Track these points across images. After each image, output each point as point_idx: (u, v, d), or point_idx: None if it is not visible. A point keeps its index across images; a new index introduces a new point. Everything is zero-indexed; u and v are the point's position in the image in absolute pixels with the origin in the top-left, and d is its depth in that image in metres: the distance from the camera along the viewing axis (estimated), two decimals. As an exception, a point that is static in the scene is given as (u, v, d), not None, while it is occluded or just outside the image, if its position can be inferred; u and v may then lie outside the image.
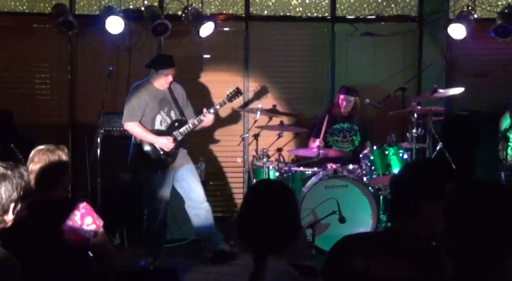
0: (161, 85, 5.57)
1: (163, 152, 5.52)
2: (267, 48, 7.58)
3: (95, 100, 6.71)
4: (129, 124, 5.53)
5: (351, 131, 6.73)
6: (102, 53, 7.17)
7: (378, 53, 7.56)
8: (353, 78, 7.35)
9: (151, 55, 7.25)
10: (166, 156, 5.54)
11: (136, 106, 5.47)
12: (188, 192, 5.63)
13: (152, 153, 5.53)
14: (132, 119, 5.50)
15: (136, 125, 5.50)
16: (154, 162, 5.53)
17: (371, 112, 7.34)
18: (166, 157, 5.55)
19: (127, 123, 5.53)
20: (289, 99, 7.60)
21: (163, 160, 5.54)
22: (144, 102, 5.48)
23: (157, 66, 5.52)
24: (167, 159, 5.55)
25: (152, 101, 5.51)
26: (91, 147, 5.89)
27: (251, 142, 7.47)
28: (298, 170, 6.32)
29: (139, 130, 5.50)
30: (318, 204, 5.77)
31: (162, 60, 5.59)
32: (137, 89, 5.55)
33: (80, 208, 3.26)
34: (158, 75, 5.51)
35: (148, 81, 5.61)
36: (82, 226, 3.24)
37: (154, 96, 5.53)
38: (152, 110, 5.52)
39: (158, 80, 5.55)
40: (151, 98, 5.51)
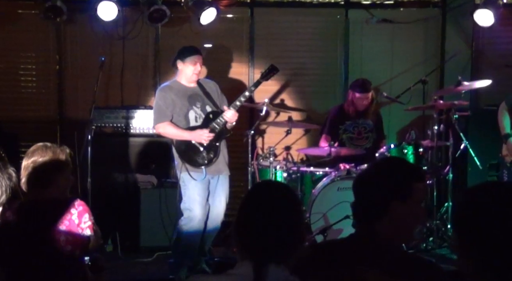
0: (190, 77, 5.61)
1: (203, 148, 5.54)
2: (274, 36, 7.59)
3: (86, 94, 6.77)
4: (160, 126, 5.55)
5: (366, 128, 6.72)
6: (93, 42, 7.18)
7: (396, 42, 7.56)
8: (368, 70, 7.35)
9: (147, 44, 7.36)
10: (208, 151, 5.55)
11: (163, 106, 5.52)
12: (210, 206, 5.62)
13: (192, 150, 5.54)
14: (162, 119, 5.54)
15: (167, 125, 5.53)
16: (196, 159, 5.53)
17: (388, 107, 7.34)
18: (208, 152, 5.55)
19: (158, 125, 5.56)
20: (299, 92, 7.61)
21: (205, 157, 5.55)
22: (170, 100, 5.53)
23: (183, 55, 5.59)
24: (209, 154, 5.56)
25: (180, 99, 5.57)
26: (81, 144, 5.91)
27: (257, 140, 7.48)
28: (308, 171, 6.32)
29: (171, 130, 5.54)
30: (330, 207, 5.78)
31: (187, 49, 5.67)
32: (162, 90, 5.62)
33: (76, 206, 3.30)
34: (186, 65, 5.56)
35: (174, 81, 5.68)
36: (80, 225, 3.28)
37: (182, 93, 5.59)
38: (182, 107, 5.57)
39: (186, 73, 5.59)
40: (178, 96, 5.57)
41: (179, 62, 5.58)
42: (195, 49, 5.65)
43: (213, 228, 5.64)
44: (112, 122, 6.66)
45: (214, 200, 5.61)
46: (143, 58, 7.39)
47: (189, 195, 5.48)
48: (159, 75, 7.24)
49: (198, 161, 5.53)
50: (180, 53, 5.64)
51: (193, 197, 5.46)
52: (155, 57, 7.37)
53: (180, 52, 5.65)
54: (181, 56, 5.59)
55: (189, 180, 5.47)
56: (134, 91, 7.35)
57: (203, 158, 5.55)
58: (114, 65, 7.19)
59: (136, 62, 7.36)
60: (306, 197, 6.17)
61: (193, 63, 5.56)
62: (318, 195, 5.90)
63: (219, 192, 5.64)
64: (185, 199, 5.50)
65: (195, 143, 5.55)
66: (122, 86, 7.28)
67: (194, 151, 5.55)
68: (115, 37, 7.15)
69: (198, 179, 5.47)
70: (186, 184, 5.49)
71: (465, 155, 6.45)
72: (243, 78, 7.51)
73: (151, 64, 7.38)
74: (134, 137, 6.69)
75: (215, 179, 5.62)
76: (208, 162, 5.56)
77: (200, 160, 5.54)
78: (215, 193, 5.62)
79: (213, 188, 5.61)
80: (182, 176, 5.50)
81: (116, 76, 7.20)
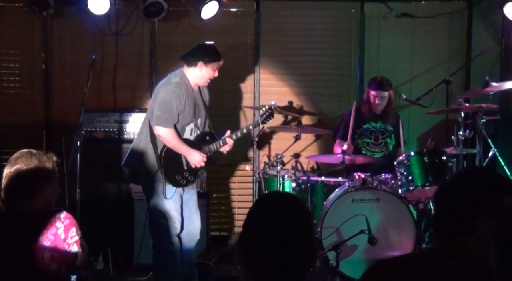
0: (204, 81, 5.62)
1: (187, 167, 5.58)
2: (282, 33, 7.57)
3: (75, 95, 6.75)
4: (162, 130, 5.51)
5: (384, 133, 6.71)
6: (83, 38, 7.18)
7: (417, 39, 7.54)
8: (386, 70, 7.31)
9: (142, 41, 7.35)
10: (190, 172, 5.61)
11: (176, 110, 5.49)
12: (186, 220, 5.70)
13: (175, 165, 5.58)
14: (168, 124, 5.50)
15: (171, 132, 5.52)
16: (175, 176, 5.57)
17: (408, 111, 7.32)
18: (189, 174, 5.62)
19: (161, 128, 5.51)
20: (309, 94, 7.59)
21: (185, 177, 5.61)
22: (183, 105, 5.51)
23: (210, 57, 5.53)
24: (190, 176, 5.63)
25: (188, 106, 5.56)
26: (70, 151, 5.88)
27: (263, 147, 7.46)
28: (319, 180, 6.29)
29: (173, 139, 5.52)
30: (344, 221, 5.76)
31: (216, 51, 5.63)
32: (179, 87, 5.51)
33: (62, 219, 3.31)
34: (208, 69, 5.54)
35: (184, 77, 5.59)
36: (66, 240, 3.27)
37: (191, 99, 5.58)
38: (186, 116, 5.57)
39: (203, 76, 5.57)
40: (188, 102, 5.55)
41: (201, 63, 5.52)
42: (219, 55, 5.64)
43: (195, 241, 5.75)
44: (104, 126, 6.68)
45: (191, 213, 5.72)
46: (138, 56, 7.38)
47: (164, 210, 5.56)
48: (156, 75, 7.20)
49: (175, 178, 5.58)
50: (206, 53, 5.59)
51: (170, 214, 5.56)
52: (151, 55, 7.35)
53: (207, 52, 5.61)
54: (206, 57, 5.53)
55: (161, 195, 5.55)
56: (128, 93, 7.34)
57: (182, 179, 5.61)
58: (106, 64, 7.18)
59: (131, 61, 7.34)
60: (317, 210, 6.15)
61: (215, 69, 5.58)
62: (331, 208, 5.89)
63: (195, 205, 5.76)
64: (156, 215, 5.58)
65: (183, 159, 5.58)
66: (114, 87, 7.27)
67: (177, 167, 5.59)
68: (107, 33, 7.14)
69: (168, 196, 5.54)
70: (159, 197, 5.56)
71: (493, 163, 6.40)
72: (247, 79, 7.50)
73: (147, 63, 7.36)
74: (128, 143, 6.43)
75: (189, 193, 5.72)
76: (184, 184, 5.63)
77: (178, 179, 5.58)
78: (191, 206, 5.73)
79: (184, 200, 5.70)
80: (155, 186, 5.56)
81: (109, 76, 7.19)
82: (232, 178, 7.58)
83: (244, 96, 7.47)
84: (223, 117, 7.15)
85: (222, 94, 7.17)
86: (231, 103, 7.44)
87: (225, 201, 7.57)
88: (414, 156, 6.04)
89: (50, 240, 3.25)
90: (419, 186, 5.97)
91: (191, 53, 5.64)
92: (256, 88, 7.45)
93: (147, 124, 5.66)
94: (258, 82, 7.49)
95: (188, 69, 5.59)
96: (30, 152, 3.38)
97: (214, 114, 6.13)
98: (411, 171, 6.01)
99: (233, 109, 7.41)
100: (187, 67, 5.60)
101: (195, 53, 5.62)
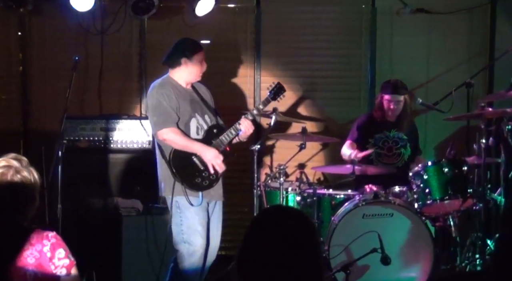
0: (194, 77, 5.67)
1: (204, 166, 5.52)
2: (284, 31, 7.60)
3: (56, 100, 6.76)
4: (167, 132, 5.46)
5: (398, 142, 6.72)
6: (65, 38, 7.21)
7: (434, 36, 7.56)
8: (400, 71, 7.34)
9: (130, 40, 7.39)
10: (209, 173, 5.53)
11: (169, 107, 5.48)
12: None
13: (191, 168, 5.52)
14: (169, 124, 5.46)
15: (175, 131, 5.47)
16: (196, 180, 5.50)
17: (424, 116, 7.32)
18: (209, 174, 5.53)
19: (165, 131, 5.46)
20: (315, 98, 7.61)
21: (206, 177, 5.53)
22: (175, 101, 5.51)
23: (190, 51, 5.58)
24: (211, 176, 5.54)
25: (183, 102, 5.57)
26: (50, 162, 5.84)
27: (264, 156, 7.47)
28: (326, 194, 6.30)
29: (180, 138, 5.47)
30: (354, 239, 5.74)
31: (194, 43, 5.70)
32: (162, 87, 5.55)
33: (49, 237, 3.30)
34: (194, 63, 5.59)
35: (169, 77, 5.65)
36: (53, 260, 3.26)
37: (183, 96, 5.60)
38: (184, 113, 5.56)
39: (191, 72, 5.61)
40: (181, 98, 5.57)
41: (185, 59, 5.56)
42: (199, 44, 5.70)
43: (211, 262, 5.68)
44: (88, 135, 6.66)
45: (211, 230, 5.63)
46: (126, 57, 7.42)
47: (188, 225, 5.45)
48: (145, 78, 7.24)
49: (198, 182, 5.50)
50: (185, 48, 5.63)
51: (194, 228, 5.44)
52: (140, 56, 7.39)
53: (185, 46, 5.64)
54: (187, 52, 5.58)
55: (187, 206, 5.45)
56: (115, 98, 7.37)
57: (204, 179, 5.53)
58: (91, 66, 7.21)
59: (118, 62, 7.39)
60: (325, 226, 6.15)
61: (201, 60, 5.61)
62: (339, 224, 5.88)
63: (216, 220, 5.68)
64: (183, 229, 5.46)
65: (196, 160, 5.53)
66: (100, 91, 7.31)
67: (194, 170, 5.52)
68: (92, 32, 7.17)
69: (195, 204, 5.46)
70: (183, 211, 5.46)
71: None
72: (247, 82, 7.53)
73: (136, 64, 7.41)
74: (115, 153, 6.67)
75: (212, 206, 5.65)
76: (209, 185, 5.54)
77: (200, 182, 5.52)
78: (212, 221, 5.65)
79: (209, 215, 5.63)
80: (177, 200, 5.46)
81: (93, 79, 7.21)
82: (229, 192, 7.45)
83: (243, 101, 7.50)
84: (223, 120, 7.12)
85: (219, 98, 7.04)
86: (228, 108, 7.25)
87: (225, 216, 7.31)
88: (432, 166, 6.03)
89: (34, 257, 3.23)
90: (438, 200, 5.97)
91: (170, 54, 5.65)
92: (256, 91, 7.48)
93: (155, 143, 5.67)
94: (259, 85, 7.50)
95: (174, 71, 5.63)
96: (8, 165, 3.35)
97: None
98: (429, 183, 5.99)
99: (230, 114, 7.24)
100: (172, 70, 5.64)
101: (174, 52, 5.64)
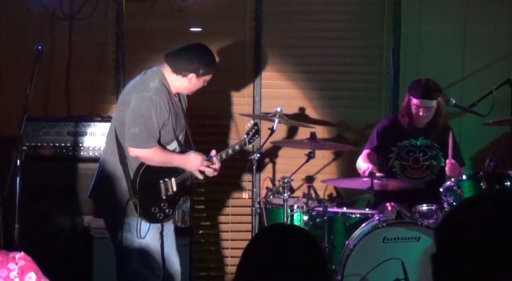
0: (188, 92, 5.75)
1: (166, 197, 5.60)
2: (291, 17, 7.59)
3: (14, 98, 6.74)
4: (142, 152, 5.49)
5: (428, 151, 6.69)
6: (26, 23, 7.18)
7: (470, 25, 7.55)
8: (429, 66, 7.38)
9: (105, 27, 7.41)
10: (169, 203, 5.62)
11: (156, 124, 5.48)
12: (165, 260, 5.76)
13: (152, 196, 5.57)
14: (149, 144, 5.48)
15: (156, 151, 5.51)
16: (150, 207, 5.55)
17: (459, 120, 7.32)
18: (169, 204, 5.63)
19: (141, 151, 5.49)
20: (326, 98, 7.61)
21: (162, 209, 5.60)
22: (165, 118, 5.54)
23: (202, 70, 5.60)
24: (167, 210, 5.65)
25: (170, 117, 5.59)
26: (7, 172, 5.79)
27: (265, 167, 7.48)
28: (339, 212, 6.27)
29: (159, 156, 5.54)
30: (372, 267, 5.75)
31: (210, 62, 5.71)
32: (160, 95, 5.52)
33: (17, 259, 3.33)
34: (198, 82, 5.64)
35: (165, 80, 5.62)
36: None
37: (173, 108, 5.65)
38: (169, 132, 5.61)
39: (188, 87, 5.67)
40: (170, 112, 5.59)
41: (193, 75, 5.56)
42: (215, 63, 5.76)
43: None
44: (54, 140, 6.69)
45: (169, 255, 5.76)
46: (99, 47, 7.40)
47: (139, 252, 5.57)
48: (123, 72, 7.20)
49: (151, 211, 5.55)
50: (201, 63, 5.61)
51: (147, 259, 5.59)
52: (117, 46, 7.35)
53: (202, 62, 5.63)
54: (201, 70, 5.58)
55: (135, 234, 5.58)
56: (87, 95, 7.35)
57: (159, 212, 5.59)
58: (57, 57, 7.19)
59: (90, 53, 7.37)
60: (337, 251, 6.14)
61: (207, 80, 5.69)
62: (355, 249, 5.87)
63: (172, 244, 5.81)
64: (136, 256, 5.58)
65: (161, 187, 5.58)
66: (68, 87, 7.28)
67: (154, 196, 5.57)
68: (59, 16, 7.15)
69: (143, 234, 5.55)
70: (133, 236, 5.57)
71: None
72: (245, 79, 7.53)
73: (111, 56, 7.37)
74: (86, 163, 6.71)
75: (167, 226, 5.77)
76: (162, 218, 5.62)
77: (154, 212, 5.56)
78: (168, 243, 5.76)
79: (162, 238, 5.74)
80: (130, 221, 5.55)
81: (60, 72, 7.20)
82: (224, 209, 7.60)
83: (241, 101, 7.50)
84: (212, 129, 7.23)
85: (211, 99, 7.22)
86: (223, 110, 7.49)
87: (214, 239, 7.57)
88: (467, 181, 6.04)
89: None
90: (474, 220, 5.90)
91: (181, 59, 5.62)
92: (256, 90, 7.46)
93: (113, 139, 5.63)
94: (259, 82, 7.49)
95: (172, 75, 5.60)
96: None
97: (200, 124, 6.02)
98: None
99: (225, 117, 7.41)
100: (170, 71, 5.61)
101: (187, 60, 5.60)
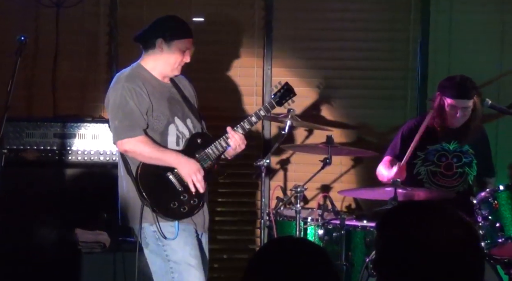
0: (172, 70, 5.70)
1: (183, 187, 5.54)
2: (304, 6, 7.60)
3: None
4: (128, 142, 5.49)
5: (461, 157, 6.64)
6: (7, 11, 7.18)
7: (509, 15, 7.55)
8: (462, 62, 7.39)
9: (97, 15, 7.45)
10: (189, 193, 5.56)
11: (137, 109, 5.50)
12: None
13: (164, 188, 5.55)
14: (134, 132, 5.49)
15: (142, 139, 5.49)
16: (171, 204, 5.53)
17: (495, 123, 7.32)
18: (190, 196, 5.57)
19: (126, 141, 5.49)
20: (344, 97, 7.64)
21: (185, 201, 5.56)
22: (147, 102, 5.54)
23: (170, 33, 5.62)
24: (192, 200, 5.58)
25: (158, 102, 5.61)
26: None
27: (275, 174, 7.47)
28: (358, 226, 6.25)
29: (147, 148, 5.49)
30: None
31: (179, 24, 5.74)
32: (131, 81, 5.56)
33: None
34: (172, 50, 5.62)
35: (140, 67, 5.69)
36: None
37: (159, 93, 5.66)
38: (160, 117, 5.61)
39: (168, 61, 5.66)
40: (155, 97, 5.61)
41: (161, 41, 5.59)
42: (188, 29, 5.75)
43: None
44: (38, 142, 6.68)
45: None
46: (90, 39, 7.43)
47: (176, 260, 5.49)
48: (116, 67, 7.17)
49: (173, 208, 5.50)
50: (166, 26, 5.68)
51: (186, 261, 5.48)
52: (109, 37, 7.41)
53: (166, 25, 5.71)
54: (166, 33, 5.62)
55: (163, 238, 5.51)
56: (75, 93, 7.38)
57: (181, 205, 5.53)
58: (43, 50, 7.22)
59: (79, 45, 7.38)
60: (355, 270, 6.16)
61: (183, 49, 5.64)
62: (377, 268, 5.74)
63: (203, 256, 5.72)
64: (172, 267, 5.50)
65: (172, 178, 5.52)
66: (55, 83, 7.27)
67: (169, 191, 5.53)
68: (45, 4, 7.16)
69: (170, 237, 5.48)
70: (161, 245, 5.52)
71: None
72: (253, 73, 7.53)
73: (104, 49, 7.42)
74: (74, 168, 6.74)
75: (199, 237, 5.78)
76: (188, 212, 5.55)
77: (177, 207, 5.51)
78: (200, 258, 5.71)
79: None
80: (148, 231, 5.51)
81: (46, 67, 7.20)
82: (229, 220, 7.58)
83: (249, 99, 7.52)
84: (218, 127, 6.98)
85: (217, 95, 7.27)
86: (229, 108, 7.50)
87: (218, 254, 7.49)
88: (505, 192, 5.93)
89: None
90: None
91: (146, 30, 5.73)
92: (265, 86, 7.46)
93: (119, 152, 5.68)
94: (269, 77, 7.49)
95: (147, 56, 5.69)
96: None
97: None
98: (500, 215, 5.90)
99: (232, 115, 7.26)
100: (145, 55, 5.71)
101: (151, 28, 5.72)
